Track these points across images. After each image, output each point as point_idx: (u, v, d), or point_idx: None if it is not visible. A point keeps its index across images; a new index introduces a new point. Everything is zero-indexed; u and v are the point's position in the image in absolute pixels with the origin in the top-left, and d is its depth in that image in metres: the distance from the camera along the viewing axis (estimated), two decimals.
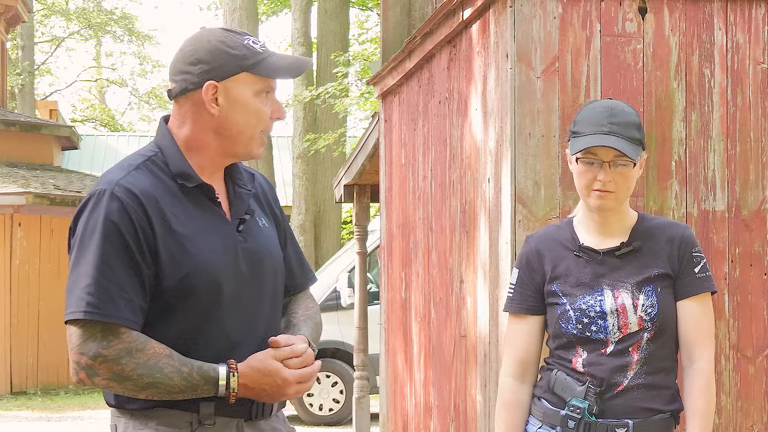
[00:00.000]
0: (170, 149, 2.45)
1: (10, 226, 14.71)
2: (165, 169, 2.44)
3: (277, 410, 2.57)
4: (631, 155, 2.85)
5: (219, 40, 2.43)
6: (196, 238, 2.40)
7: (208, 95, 2.41)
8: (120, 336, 2.30)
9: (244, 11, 19.13)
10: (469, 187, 5.25)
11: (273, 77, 2.44)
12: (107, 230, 2.32)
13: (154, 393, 2.33)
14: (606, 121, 2.88)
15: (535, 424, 2.99)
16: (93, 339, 2.30)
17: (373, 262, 11.94)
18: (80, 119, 36.33)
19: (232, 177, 2.55)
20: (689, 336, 2.94)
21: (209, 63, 2.41)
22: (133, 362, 2.29)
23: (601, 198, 2.90)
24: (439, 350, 5.87)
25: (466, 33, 5.30)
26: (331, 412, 11.63)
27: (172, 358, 2.32)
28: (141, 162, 2.44)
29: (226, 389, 2.35)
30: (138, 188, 2.36)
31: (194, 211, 2.43)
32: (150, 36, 36.09)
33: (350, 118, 21.21)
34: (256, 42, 2.47)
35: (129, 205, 2.34)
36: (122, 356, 2.29)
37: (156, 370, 2.30)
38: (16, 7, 18.18)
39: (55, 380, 14.92)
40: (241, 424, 2.46)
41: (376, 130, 8.26)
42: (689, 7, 4.65)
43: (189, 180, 2.43)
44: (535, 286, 3.01)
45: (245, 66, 2.42)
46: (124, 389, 2.33)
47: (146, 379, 2.30)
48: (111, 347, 2.29)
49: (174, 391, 2.33)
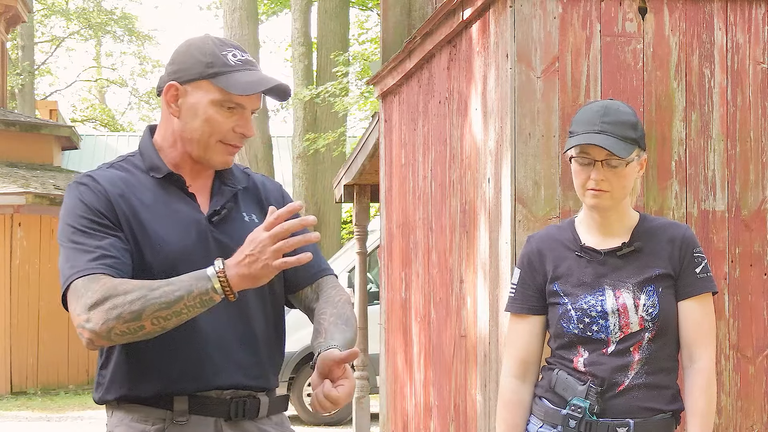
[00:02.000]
0: (146, 148, 2.54)
1: (10, 226, 14.71)
2: (139, 165, 2.52)
3: (270, 412, 2.55)
4: (620, 154, 2.85)
5: (196, 46, 2.49)
6: (161, 223, 2.43)
7: (168, 95, 2.48)
8: (99, 281, 2.31)
9: (244, 11, 19.13)
10: (469, 187, 5.25)
11: (229, 90, 2.43)
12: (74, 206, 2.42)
13: (155, 314, 2.26)
14: (598, 120, 2.89)
15: (536, 424, 2.99)
16: (79, 297, 2.31)
17: (373, 262, 11.94)
18: (80, 119, 36.33)
19: (221, 176, 2.58)
20: (690, 336, 2.94)
21: (178, 65, 2.48)
22: (120, 296, 2.27)
23: (595, 197, 2.90)
24: (439, 350, 5.87)
25: (466, 33, 5.30)
26: (331, 412, 11.61)
27: (156, 281, 2.30)
28: (115, 162, 2.55)
29: (216, 275, 2.26)
30: (104, 178, 2.47)
31: (164, 200, 2.47)
32: (150, 36, 36.09)
33: (350, 118, 21.21)
34: (237, 56, 2.47)
35: (94, 187, 2.44)
36: (108, 295, 2.27)
37: (147, 292, 2.27)
38: (16, 7, 18.18)
39: (55, 380, 14.91)
40: (220, 424, 2.45)
41: (376, 130, 8.26)
42: (689, 7, 4.65)
43: (158, 171, 2.49)
44: (536, 286, 3.01)
45: (206, 74, 2.44)
46: (126, 327, 2.27)
47: (138, 304, 2.25)
48: (95, 293, 2.29)
49: (172, 302, 2.26)
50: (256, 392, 2.52)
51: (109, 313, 2.27)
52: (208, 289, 2.26)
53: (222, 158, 2.49)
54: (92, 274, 2.32)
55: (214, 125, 2.45)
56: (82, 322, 2.30)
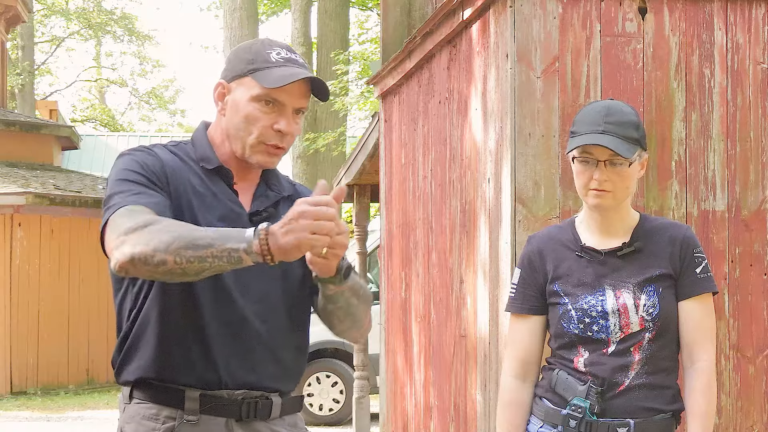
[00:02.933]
0: (200, 139, 2.58)
1: (10, 226, 14.71)
2: (191, 154, 2.55)
3: (282, 413, 2.54)
4: (624, 154, 2.85)
5: (245, 46, 2.55)
6: (203, 212, 2.45)
7: (216, 93, 2.53)
8: (143, 212, 2.31)
9: (245, 11, 19.13)
10: (469, 187, 5.25)
11: (262, 84, 2.45)
12: (128, 163, 2.45)
13: (180, 250, 2.20)
14: (602, 120, 2.89)
15: (536, 424, 2.99)
16: (118, 225, 2.29)
17: (373, 262, 11.94)
18: (80, 119, 36.33)
19: (267, 179, 2.59)
20: (690, 336, 2.94)
21: (228, 63, 2.55)
22: (157, 225, 2.25)
23: (598, 197, 2.90)
24: (439, 350, 5.87)
25: (466, 33, 5.30)
26: (331, 412, 11.63)
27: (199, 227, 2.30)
28: (169, 144, 2.58)
29: (257, 233, 2.18)
30: (162, 151, 2.51)
31: (210, 191, 2.49)
32: (150, 36, 36.12)
33: (350, 118, 21.20)
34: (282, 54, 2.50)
35: (151, 153, 2.49)
36: (149, 223, 2.26)
37: (183, 229, 2.24)
38: (16, 7, 18.18)
39: (55, 380, 14.91)
40: (231, 424, 2.45)
41: (376, 130, 8.27)
42: (689, 7, 4.65)
43: (209, 162, 2.52)
44: (537, 286, 3.01)
45: (247, 70, 2.48)
46: (152, 255, 2.21)
47: (170, 235, 2.21)
48: (136, 220, 2.27)
49: (202, 246, 2.20)
50: (269, 393, 2.51)
51: (142, 237, 2.23)
52: (239, 248, 2.19)
53: (263, 158, 2.49)
54: (136, 205, 2.33)
55: (253, 121, 2.46)
56: (118, 244, 2.26)
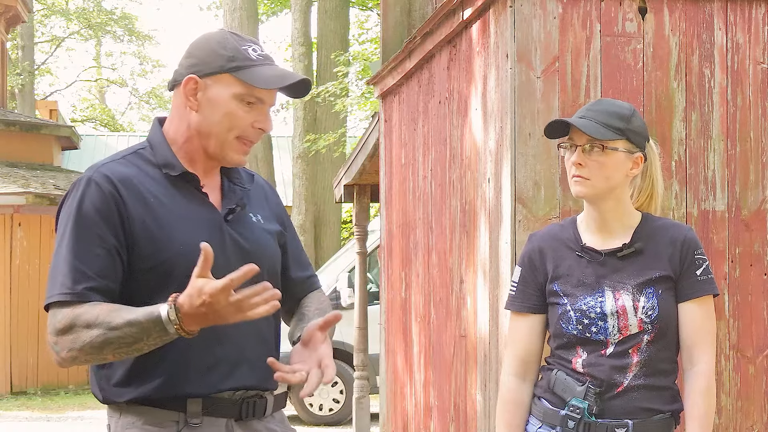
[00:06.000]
0: (158, 143, 2.50)
1: (10, 226, 14.71)
2: (151, 160, 2.47)
3: (273, 410, 2.55)
4: (596, 135, 2.83)
5: (216, 40, 2.46)
6: (179, 223, 2.41)
7: (187, 88, 2.44)
8: (72, 306, 2.31)
9: (244, 11, 19.13)
10: (469, 187, 5.25)
11: (253, 84, 2.41)
12: (80, 214, 2.37)
13: (116, 350, 2.27)
14: (586, 109, 2.91)
15: (535, 424, 2.98)
16: (52, 317, 2.33)
17: (373, 262, 11.94)
18: (80, 119, 36.33)
19: (228, 174, 2.57)
20: (690, 338, 2.93)
21: (197, 58, 2.45)
22: (83, 330, 2.27)
23: (577, 184, 2.89)
24: (439, 350, 5.87)
25: (466, 33, 5.30)
26: (331, 412, 11.63)
27: (120, 311, 2.28)
28: (127, 154, 2.49)
29: (171, 323, 2.22)
30: (116, 175, 2.40)
31: (179, 199, 2.44)
32: (150, 36, 36.11)
33: (350, 118, 21.21)
34: (257, 50, 2.46)
35: (105, 189, 2.37)
36: (72, 325, 2.28)
37: (105, 327, 2.26)
38: (16, 7, 18.18)
39: (55, 380, 14.91)
40: (231, 424, 2.45)
41: (376, 130, 8.26)
42: (689, 7, 4.65)
43: (172, 169, 2.46)
44: (537, 284, 3.00)
45: (228, 67, 2.42)
46: (91, 357, 2.30)
47: (99, 340, 2.26)
48: (63, 319, 2.30)
49: (132, 341, 2.26)
50: (262, 392, 2.52)
51: (74, 343, 2.29)
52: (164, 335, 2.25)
53: (237, 156, 2.47)
54: (68, 300, 2.31)
55: (233, 120, 2.43)
56: (52, 343, 2.33)
